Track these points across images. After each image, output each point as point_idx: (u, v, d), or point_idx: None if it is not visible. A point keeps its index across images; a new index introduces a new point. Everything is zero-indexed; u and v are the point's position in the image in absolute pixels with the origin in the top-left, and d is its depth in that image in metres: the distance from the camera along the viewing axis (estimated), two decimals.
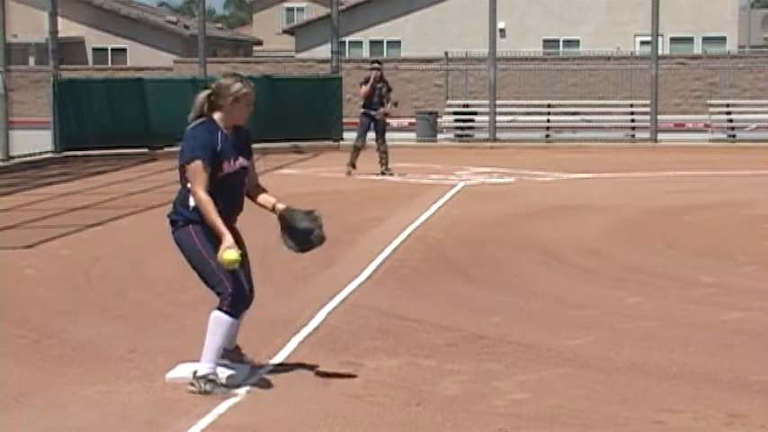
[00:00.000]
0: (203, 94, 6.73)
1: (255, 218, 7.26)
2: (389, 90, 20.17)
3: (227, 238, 6.46)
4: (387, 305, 9.17)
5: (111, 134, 23.79)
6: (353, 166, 19.98)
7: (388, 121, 21.01)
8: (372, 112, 19.90)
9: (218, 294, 6.61)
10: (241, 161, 6.71)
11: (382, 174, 19.81)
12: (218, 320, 6.59)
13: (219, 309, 6.59)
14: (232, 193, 6.71)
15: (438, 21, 44.27)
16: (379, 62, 20.78)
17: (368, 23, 45.22)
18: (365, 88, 19.86)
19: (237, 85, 6.69)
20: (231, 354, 6.96)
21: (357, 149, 20.04)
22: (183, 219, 6.69)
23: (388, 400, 6.50)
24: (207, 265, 6.60)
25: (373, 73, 19.93)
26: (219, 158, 6.58)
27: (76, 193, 17.78)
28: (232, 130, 6.73)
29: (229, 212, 6.66)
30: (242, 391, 6.64)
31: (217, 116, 6.70)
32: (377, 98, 19.89)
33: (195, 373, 6.60)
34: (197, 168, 6.53)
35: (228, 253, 6.43)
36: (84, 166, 22.41)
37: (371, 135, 20.11)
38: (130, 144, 24.13)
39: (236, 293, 6.58)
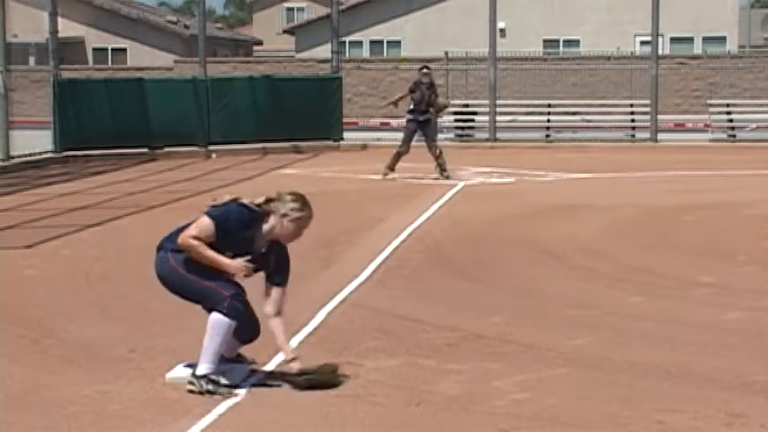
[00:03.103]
0: (265, 198, 6.68)
1: None
2: (437, 96, 19.77)
3: (227, 261, 6.55)
4: (387, 305, 9.17)
5: (111, 134, 23.76)
6: (392, 169, 19.34)
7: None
8: (420, 118, 19.41)
9: (214, 307, 6.62)
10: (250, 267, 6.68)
11: (442, 176, 19.21)
12: (216, 323, 6.59)
13: (218, 311, 6.60)
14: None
15: (438, 21, 44.26)
16: (428, 67, 20.29)
17: (368, 23, 45.22)
18: (414, 95, 19.46)
19: (297, 205, 6.63)
20: (232, 359, 6.96)
21: (399, 155, 19.38)
22: (170, 249, 6.70)
23: (388, 400, 6.50)
24: (197, 284, 6.62)
25: (423, 78, 19.54)
26: (228, 247, 6.58)
27: (77, 192, 17.78)
28: (269, 241, 6.72)
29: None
30: (242, 391, 6.65)
31: (268, 221, 6.66)
32: (424, 104, 19.45)
33: (194, 373, 6.61)
34: (207, 230, 6.53)
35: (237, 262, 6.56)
36: (84, 166, 22.40)
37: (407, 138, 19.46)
38: (130, 144, 24.10)
39: (232, 295, 6.58)
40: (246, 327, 6.74)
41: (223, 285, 6.62)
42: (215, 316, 6.61)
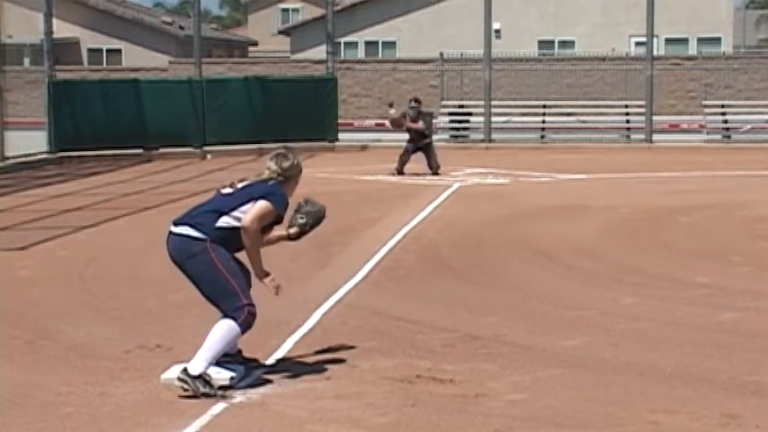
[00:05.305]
0: (273, 172, 7.09)
1: None
2: (425, 116, 20.60)
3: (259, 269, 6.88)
4: (382, 306, 9.17)
5: (106, 135, 23.73)
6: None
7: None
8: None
9: (229, 312, 6.66)
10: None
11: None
12: (229, 329, 6.65)
13: (234, 319, 6.63)
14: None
15: (433, 22, 44.26)
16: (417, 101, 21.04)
17: (363, 24, 45.21)
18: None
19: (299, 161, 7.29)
20: (232, 356, 6.95)
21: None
22: (205, 236, 6.72)
23: (383, 401, 6.50)
24: (227, 283, 6.67)
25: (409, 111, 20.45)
26: (277, 222, 6.99)
27: (72, 194, 17.76)
28: None
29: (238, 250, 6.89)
30: (237, 391, 6.64)
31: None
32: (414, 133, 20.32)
33: (186, 369, 6.58)
34: (270, 213, 6.82)
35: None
36: (79, 167, 22.38)
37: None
38: (126, 145, 24.09)
39: (251, 305, 6.69)
40: (255, 317, 6.81)
41: (243, 287, 6.72)
42: (228, 323, 6.63)
